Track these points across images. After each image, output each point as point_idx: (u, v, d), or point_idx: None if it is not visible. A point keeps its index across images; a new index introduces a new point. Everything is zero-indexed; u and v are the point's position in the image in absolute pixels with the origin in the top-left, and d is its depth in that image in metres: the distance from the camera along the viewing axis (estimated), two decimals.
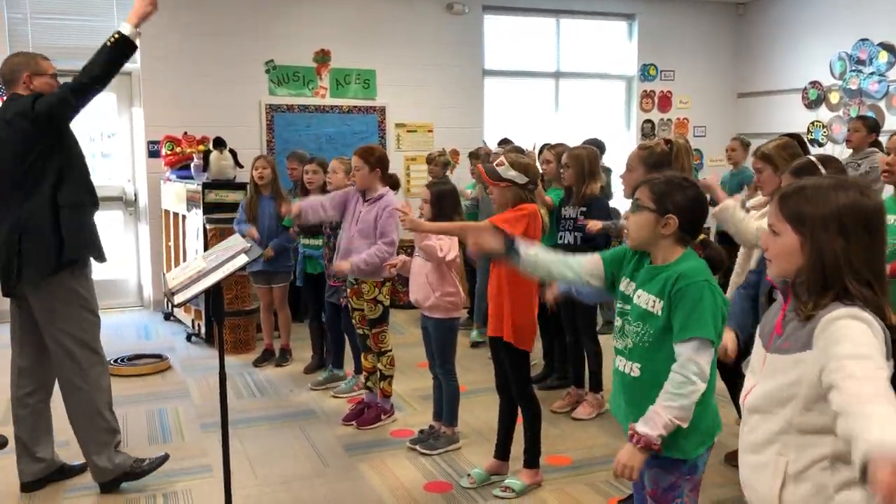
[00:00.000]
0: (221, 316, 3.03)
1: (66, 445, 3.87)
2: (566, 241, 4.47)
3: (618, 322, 2.33)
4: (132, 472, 3.63)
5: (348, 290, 4.51)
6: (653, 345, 2.20)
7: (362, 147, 4.46)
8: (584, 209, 4.38)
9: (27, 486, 3.60)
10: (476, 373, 5.36)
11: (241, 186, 6.49)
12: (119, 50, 3.30)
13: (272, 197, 5.58)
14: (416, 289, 4.04)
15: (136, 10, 3.30)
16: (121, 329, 6.90)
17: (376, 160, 4.35)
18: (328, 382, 5.20)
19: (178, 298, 2.80)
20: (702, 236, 2.33)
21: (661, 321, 2.17)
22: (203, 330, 6.40)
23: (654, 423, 2.09)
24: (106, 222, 7.59)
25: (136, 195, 7.74)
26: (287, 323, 5.87)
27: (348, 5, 8.10)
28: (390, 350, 4.51)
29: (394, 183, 4.63)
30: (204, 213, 6.22)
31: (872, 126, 5.92)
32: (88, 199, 3.53)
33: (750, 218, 3.20)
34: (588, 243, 4.28)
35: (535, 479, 3.64)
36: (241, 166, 6.55)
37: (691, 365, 2.09)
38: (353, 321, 4.54)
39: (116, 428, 3.63)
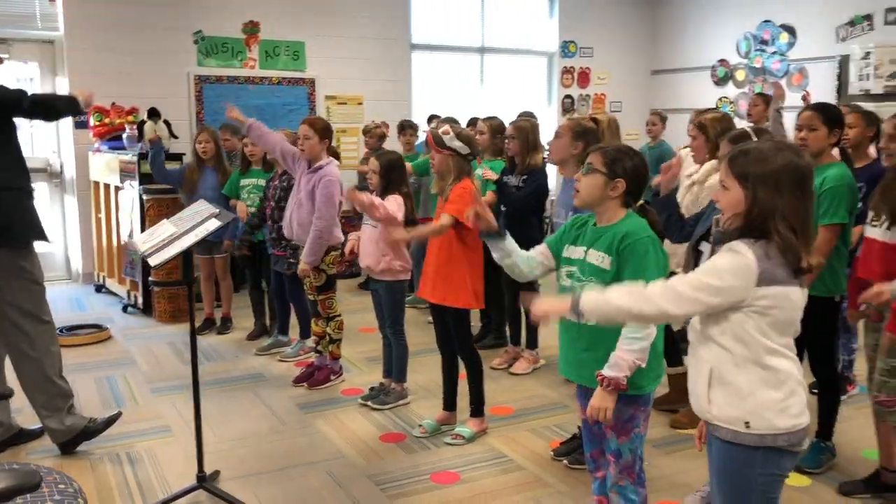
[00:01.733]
0: (191, 278, 3.17)
1: (20, 412, 3.93)
2: (508, 195, 4.73)
3: (566, 283, 2.60)
4: (87, 432, 3.74)
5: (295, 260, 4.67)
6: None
7: (310, 117, 4.61)
8: (524, 177, 4.65)
9: None
10: (414, 336, 5.60)
11: (177, 157, 6.51)
12: (72, 108, 3.74)
13: (214, 169, 5.65)
14: (366, 255, 4.23)
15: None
16: (53, 302, 6.76)
17: (323, 129, 4.51)
18: (273, 348, 5.36)
19: (153, 260, 2.93)
20: (641, 201, 2.64)
21: (610, 275, 2.46)
22: (140, 300, 6.42)
23: (620, 366, 2.39)
24: None
25: (61, 167, 7.61)
26: (229, 292, 5.97)
27: None
28: (339, 315, 4.70)
29: (335, 154, 4.79)
30: (140, 183, 6.21)
31: (769, 102, 6.45)
32: (27, 182, 3.62)
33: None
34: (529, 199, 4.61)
35: (482, 426, 3.94)
36: (175, 137, 6.55)
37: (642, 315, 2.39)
38: (305, 287, 4.71)
39: (68, 392, 3.72)
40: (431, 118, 7.45)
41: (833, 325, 3.46)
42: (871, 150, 4.00)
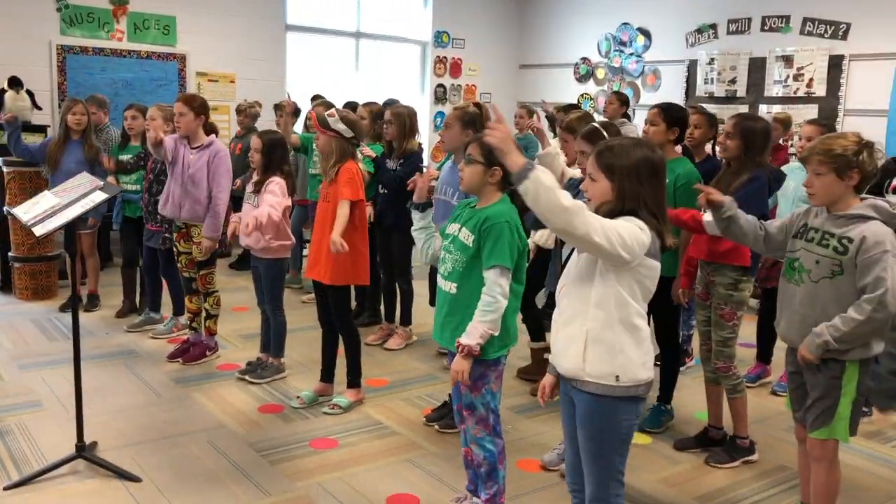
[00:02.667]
0: (75, 250, 3.19)
1: None
2: (385, 192, 4.95)
3: (443, 255, 2.88)
4: None
5: (175, 234, 4.69)
6: (465, 269, 2.78)
7: (185, 94, 4.65)
8: (401, 161, 4.87)
9: None
10: (290, 315, 5.72)
11: (40, 129, 6.28)
12: None
13: (81, 142, 5.51)
14: (246, 235, 4.32)
15: None
16: None
17: (200, 107, 4.54)
18: (144, 325, 5.33)
19: (38, 230, 2.93)
20: (514, 186, 2.92)
21: (471, 251, 2.76)
22: None
23: (473, 335, 2.69)
24: None
25: None
26: (95, 269, 5.86)
27: None
28: (217, 291, 4.76)
29: (213, 130, 4.82)
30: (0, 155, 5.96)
31: (624, 100, 6.98)
32: None
33: (562, 161, 3.90)
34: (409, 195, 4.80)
35: (358, 396, 4.15)
36: (39, 108, 6.30)
37: (496, 287, 2.69)
38: (179, 264, 4.73)
39: None
40: (315, 97, 7.51)
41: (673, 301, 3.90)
42: (707, 147, 4.49)
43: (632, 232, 2.15)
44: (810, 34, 7.71)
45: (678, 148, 3.94)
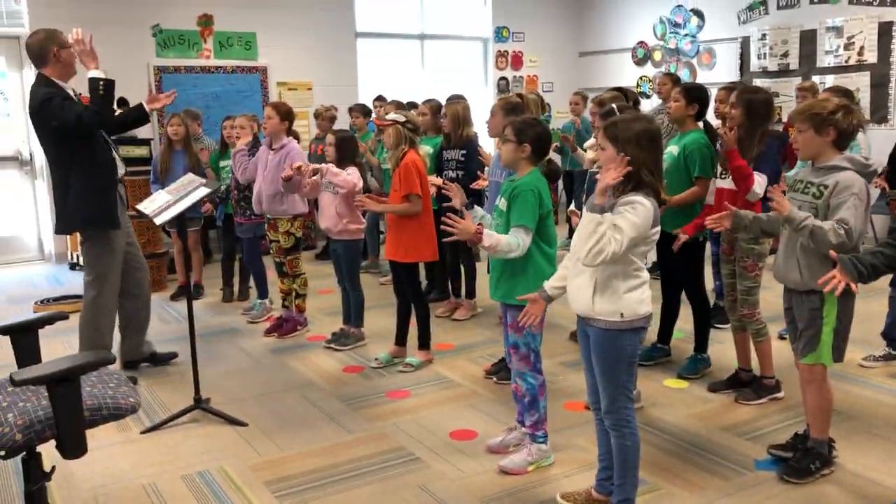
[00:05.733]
0: (186, 235, 3.89)
1: None
2: (449, 178, 5.53)
3: (492, 223, 3.42)
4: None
5: (266, 225, 5.40)
6: (505, 230, 3.30)
7: (275, 101, 5.31)
8: (463, 151, 5.44)
9: None
10: (367, 294, 6.38)
11: (145, 142, 7.13)
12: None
13: (183, 151, 6.29)
14: (325, 219, 4.99)
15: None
16: (32, 278, 7.45)
17: (285, 113, 5.23)
18: (257, 315, 5.88)
19: (159, 220, 3.65)
20: (547, 157, 3.45)
21: (505, 215, 3.30)
22: None
23: (490, 237, 3.17)
24: (3, 182, 8.02)
25: (31, 155, 8.14)
26: (199, 262, 6.66)
27: None
28: (303, 273, 5.44)
29: (296, 136, 5.51)
30: None
31: (676, 80, 7.30)
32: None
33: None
34: (470, 180, 5.36)
35: (428, 356, 4.75)
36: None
37: (517, 240, 3.21)
38: (271, 251, 5.43)
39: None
40: (378, 98, 8.18)
41: (700, 263, 4.35)
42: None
43: (637, 223, 2.61)
44: (859, 3, 7.88)
45: (700, 123, 4.38)
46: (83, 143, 4.14)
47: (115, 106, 6.84)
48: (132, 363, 4.70)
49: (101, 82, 4.08)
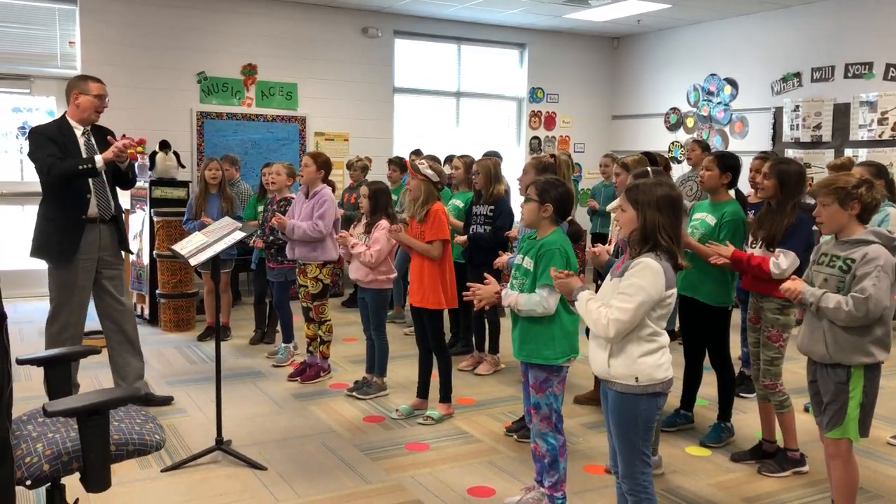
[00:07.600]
0: (219, 276, 3.97)
1: None
2: (476, 233, 5.59)
3: (511, 282, 3.46)
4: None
5: (297, 271, 5.48)
6: (529, 290, 3.34)
7: (313, 151, 5.45)
8: (492, 207, 5.52)
9: None
10: (391, 345, 6.41)
11: (183, 184, 7.32)
12: (85, 172, 4.27)
13: (219, 195, 6.45)
14: (355, 269, 5.06)
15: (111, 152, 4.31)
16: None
17: (322, 163, 5.37)
18: (281, 359, 5.96)
19: (194, 261, 3.74)
20: (570, 217, 3.50)
21: (532, 275, 3.33)
22: (147, 311, 7.17)
23: (510, 297, 3.30)
24: None
25: None
26: (228, 304, 6.75)
27: (274, 25, 9.03)
28: (329, 319, 5.50)
29: (331, 185, 5.63)
30: (151, 207, 7.00)
31: (705, 147, 7.38)
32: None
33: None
34: (498, 233, 5.42)
35: (449, 410, 4.75)
36: (183, 166, 7.36)
37: (542, 300, 3.26)
38: (300, 296, 5.51)
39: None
40: (414, 152, 8.33)
41: (726, 329, 4.34)
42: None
43: (644, 286, 2.66)
44: (893, 79, 7.93)
45: (732, 192, 4.41)
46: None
47: (155, 148, 7.13)
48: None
49: (88, 165, 4.23)
